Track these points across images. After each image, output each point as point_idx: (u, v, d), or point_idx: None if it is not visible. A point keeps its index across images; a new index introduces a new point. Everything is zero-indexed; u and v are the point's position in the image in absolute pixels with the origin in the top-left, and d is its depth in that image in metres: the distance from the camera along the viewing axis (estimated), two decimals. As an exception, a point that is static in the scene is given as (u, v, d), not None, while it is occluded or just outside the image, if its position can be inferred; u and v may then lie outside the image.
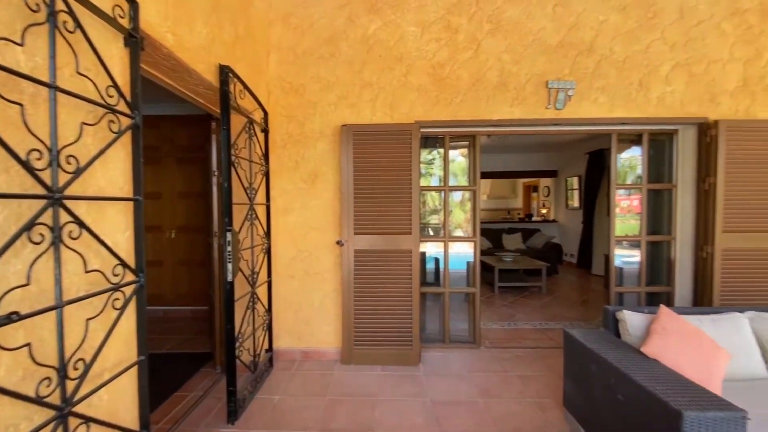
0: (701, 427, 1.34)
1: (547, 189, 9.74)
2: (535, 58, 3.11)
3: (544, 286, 5.63)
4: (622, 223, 5.84)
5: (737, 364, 1.96)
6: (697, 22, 3.01)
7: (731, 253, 2.97)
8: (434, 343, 3.46)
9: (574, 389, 2.16)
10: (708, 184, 3.02)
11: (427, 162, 4.24)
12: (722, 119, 2.96)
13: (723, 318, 2.10)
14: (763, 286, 2.98)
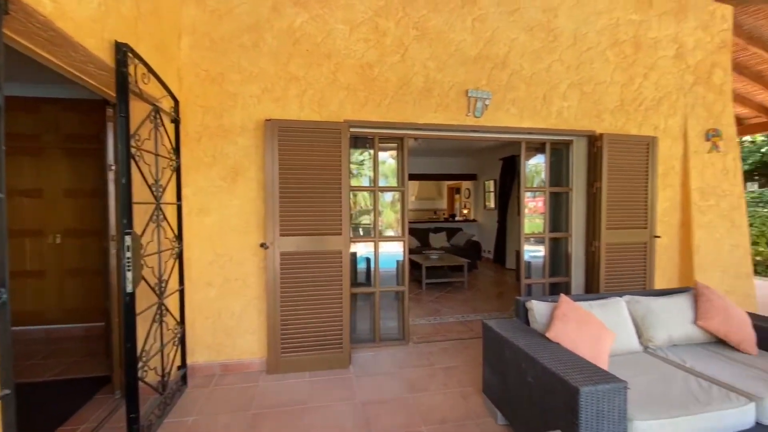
0: (593, 399, 1.54)
1: (468, 191, 10.48)
2: (456, 68, 3.31)
3: (466, 281, 6.04)
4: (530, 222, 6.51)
5: (619, 341, 2.31)
6: (587, 48, 3.50)
7: (612, 247, 3.52)
8: (365, 343, 3.46)
9: (491, 376, 2.33)
10: (595, 188, 3.53)
11: (358, 162, 4.23)
12: (605, 133, 3.49)
13: (607, 302, 2.47)
14: (634, 273, 3.58)
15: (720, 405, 1.71)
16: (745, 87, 5.37)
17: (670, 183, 3.74)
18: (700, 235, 3.69)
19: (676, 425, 1.62)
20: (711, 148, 3.75)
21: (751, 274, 3.84)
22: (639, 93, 3.64)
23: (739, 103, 5.81)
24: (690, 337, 2.41)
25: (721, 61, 3.83)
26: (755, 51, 4.59)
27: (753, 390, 1.82)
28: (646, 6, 3.63)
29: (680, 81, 3.73)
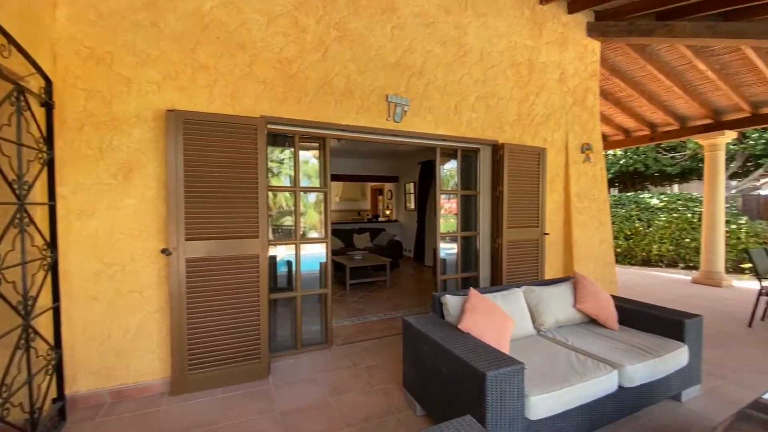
0: (498, 381, 1.72)
1: (390, 192, 10.81)
2: (377, 72, 3.39)
3: (388, 279, 6.22)
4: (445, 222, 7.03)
5: (518, 327, 2.62)
6: (491, 66, 3.90)
7: (512, 243, 3.98)
8: (286, 350, 3.33)
9: (411, 370, 2.44)
10: (498, 191, 3.95)
11: (278, 161, 4.04)
12: (506, 143, 3.93)
13: (508, 293, 2.78)
14: (529, 266, 4.10)
15: (593, 374, 2.06)
16: (609, 110, 6.57)
17: (556, 188, 4.38)
18: (577, 232, 4.40)
19: (560, 396, 1.90)
20: (585, 159, 4.50)
21: (613, 263, 4.71)
22: (532, 109, 4.18)
23: (604, 123, 7.07)
24: (571, 318, 2.85)
25: (592, 87, 4.63)
26: (616, 81, 5.63)
27: (616, 360, 2.23)
28: (537, 34, 4.19)
29: (563, 101, 4.40)
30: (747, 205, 8.00)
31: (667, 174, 10.63)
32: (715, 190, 6.26)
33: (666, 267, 8.49)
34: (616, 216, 9.24)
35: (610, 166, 11.64)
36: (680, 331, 2.49)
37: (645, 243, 8.73)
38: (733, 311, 4.62)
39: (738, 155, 9.47)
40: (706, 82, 5.18)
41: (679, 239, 8.26)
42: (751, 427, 1.61)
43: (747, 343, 3.63)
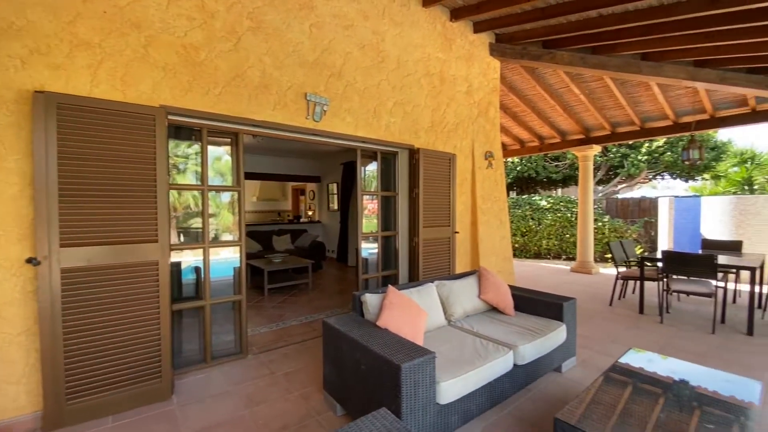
0: (412, 372, 1.82)
1: (312, 193, 10.60)
2: (295, 69, 3.30)
3: (310, 281, 6.09)
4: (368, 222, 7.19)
5: (431, 319, 2.81)
6: (407, 74, 4.11)
7: (427, 242, 4.24)
8: (194, 365, 3.03)
9: (331, 371, 2.44)
10: (415, 193, 4.18)
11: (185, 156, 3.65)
12: (421, 148, 4.18)
13: (423, 288, 2.97)
14: (442, 262, 4.43)
15: (494, 357, 2.32)
16: (507, 122, 7.44)
17: (464, 190, 4.81)
18: (482, 230, 4.89)
19: (466, 379, 2.09)
20: (488, 166, 5.03)
21: (511, 257, 5.36)
22: (444, 118, 4.52)
23: (503, 133, 7.99)
24: (477, 308, 3.16)
25: (494, 101, 5.19)
26: (512, 97, 6.41)
27: (512, 342, 2.54)
28: (448, 48, 4.55)
29: (470, 112, 4.85)
30: (609, 206, 9.85)
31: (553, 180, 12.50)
32: (587, 194, 7.56)
33: (552, 259, 9.94)
34: (514, 216, 10.49)
35: (509, 172, 13.19)
36: (560, 312, 2.95)
37: (537, 239, 10.09)
38: (599, 293, 5.64)
39: (602, 165, 11.59)
40: (579, 103, 6.22)
41: (562, 235, 9.74)
42: (610, 386, 1.99)
43: (609, 318, 4.46)
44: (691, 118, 6.06)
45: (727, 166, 10.52)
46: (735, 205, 7.09)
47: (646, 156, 10.81)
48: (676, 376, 2.09)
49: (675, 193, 11.67)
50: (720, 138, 11.21)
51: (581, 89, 5.71)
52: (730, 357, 3.27)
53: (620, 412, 1.71)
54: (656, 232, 8.69)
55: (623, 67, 4.56)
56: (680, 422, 1.63)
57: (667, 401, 1.82)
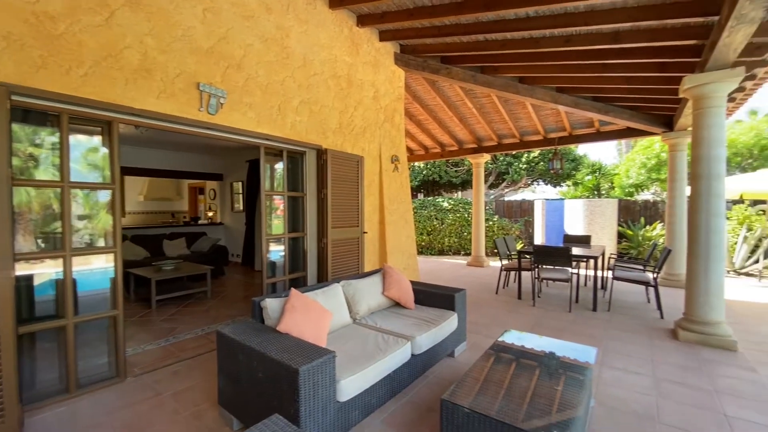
0: (311, 374, 1.82)
1: (213, 192, 9.69)
2: (186, 55, 3.00)
3: (209, 290, 5.56)
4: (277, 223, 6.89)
5: (337, 318, 2.84)
6: (314, 73, 4.08)
7: (336, 242, 4.27)
8: (53, 396, 2.51)
9: (227, 384, 2.28)
10: (323, 194, 4.17)
11: (47, 147, 2.98)
12: (330, 148, 4.19)
13: (328, 289, 2.98)
14: (352, 261, 4.51)
15: (393, 349, 2.46)
16: (413, 129, 7.93)
17: (372, 192, 4.97)
18: (390, 230, 5.13)
19: (366, 374, 2.18)
20: (394, 169, 5.29)
21: (416, 255, 5.73)
22: (351, 120, 4.61)
23: (410, 139, 8.50)
24: (381, 304, 3.30)
25: (399, 108, 5.49)
26: (417, 106, 6.86)
27: (410, 333, 2.73)
28: (355, 53, 4.65)
29: (377, 117, 5.04)
30: (498, 207, 11.28)
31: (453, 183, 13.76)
32: (479, 197, 8.51)
33: (453, 255, 10.91)
34: (420, 216, 11.23)
35: (416, 176, 14.08)
36: (452, 302, 3.27)
37: (440, 237, 10.96)
38: (488, 283, 6.40)
39: (493, 171, 13.18)
40: (472, 116, 6.97)
41: (461, 233, 10.77)
42: (488, 363, 2.28)
43: (494, 305, 5.10)
44: (556, 135, 7.33)
45: (583, 175, 13.00)
46: (587, 206, 8.78)
47: (525, 165, 12.68)
48: (539, 348, 2.51)
49: (548, 197, 13.93)
50: (578, 152, 13.75)
51: (474, 103, 6.42)
52: (580, 330, 4.05)
53: (495, 384, 1.98)
54: (533, 229, 10.23)
55: (505, 87, 5.27)
56: (542, 379, 1.96)
57: (531, 369, 2.17)
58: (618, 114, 5.61)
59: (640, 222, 9.03)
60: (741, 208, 7.93)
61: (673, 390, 2.74)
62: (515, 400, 1.82)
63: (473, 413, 1.72)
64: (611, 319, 4.41)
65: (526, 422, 1.63)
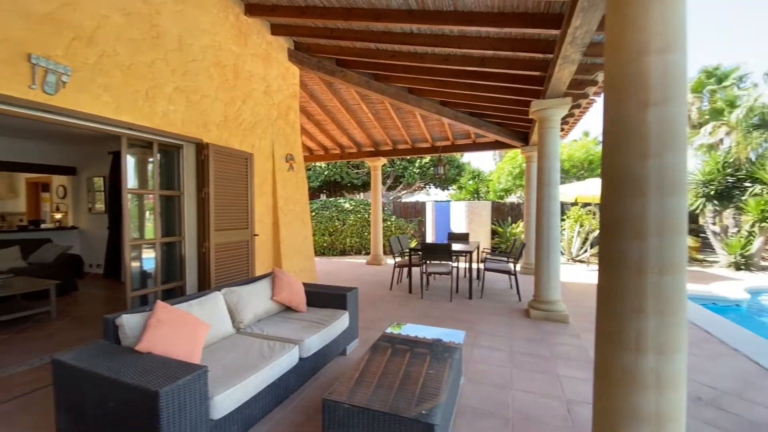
0: (174, 394, 1.64)
1: (62, 189, 7.89)
2: (12, 20, 2.37)
3: (54, 309, 4.50)
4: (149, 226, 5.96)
5: (216, 330, 2.62)
6: (192, 59, 3.67)
7: (221, 246, 3.93)
8: None
9: (68, 421, 1.89)
10: (204, 193, 3.79)
11: None
12: (212, 143, 3.83)
13: (206, 298, 2.73)
14: (240, 267, 4.21)
15: (279, 356, 2.37)
16: (312, 128, 7.83)
17: (265, 191, 4.72)
18: (285, 232, 4.95)
19: (246, 386, 2.06)
20: (289, 168, 5.13)
21: (313, 256, 5.66)
22: (239, 114, 4.30)
23: (309, 139, 8.37)
24: (269, 310, 3.16)
25: (293, 105, 5.34)
26: (315, 106, 6.79)
27: (298, 337, 2.68)
28: (243, 43, 4.35)
29: (269, 113, 4.81)
30: (395, 208, 11.95)
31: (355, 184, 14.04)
32: (377, 198, 8.88)
33: (355, 254, 11.13)
34: (322, 217, 11.15)
35: (318, 176, 13.93)
36: (344, 302, 3.34)
37: (342, 237, 11.06)
38: (384, 281, 6.72)
39: (391, 174, 13.90)
40: (369, 120, 7.23)
41: (362, 233, 11.06)
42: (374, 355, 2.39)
43: (388, 300, 5.37)
44: (441, 143, 8.12)
45: (466, 180, 14.70)
46: (468, 208, 9.95)
47: (418, 169, 13.72)
48: (420, 335, 2.75)
49: (438, 199, 15.32)
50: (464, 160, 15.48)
51: (369, 108, 6.66)
52: (459, 316, 4.57)
53: (376, 376, 2.09)
54: (426, 228, 11.13)
55: (396, 95, 5.61)
56: (417, 365, 2.14)
57: (410, 356, 2.36)
58: (488, 128, 6.51)
59: (508, 221, 10.63)
60: (576, 209, 10.04)
61: (524, 360, 3.31)
62: (393, 388, 1.96)
63: (353, 408, 1.78)
64: (483, 305, 5.10)
65: (402, 408, 1.76)
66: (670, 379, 1.33)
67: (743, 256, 8.30)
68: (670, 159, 1.29)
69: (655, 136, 1.30)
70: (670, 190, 1.30)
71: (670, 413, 1.34)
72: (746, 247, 8.34)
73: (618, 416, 1.41)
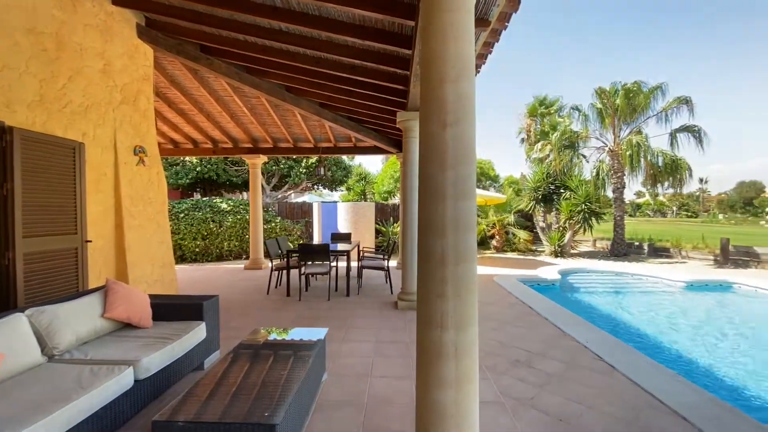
0: None
1: None
2: None
3: None
4: None
5: (15, 360, 2.10)
6: (-16, 19, 2.85)
7: (34, 256, 3.15)
8: None
9: None
10: (6, 189, 2.98)
11: None
12: (19, 127, 3.04)
13: (2, 322, 2.16)
14: (66, 280, 3.45)
15: (102, 382, 2.03)
16: (176, 118, 6.93)
17: (102, 189, 3.97)
18: (131, 236, 4.25)
19: (52, 421, 1.70)
20: (138, 162, 4.43)
21: (173, 263, 5.01)
22: (64, 94, 3.52)
23: (173, 130, 7.39)
24: (100, 330, 2.68)
25: (145, 90, 4.64)
26: (177, 93, 6.02)
27: (134, 357, 2.34)
28: (71, 9, 3.58)
29: (109, 96, 4.06)
30: (281, 209, 11.51)
31: (234, 183, 12.99)
32: (256, 198, 8.42)
33: (234, 259, 10.29)
34: (194, 219, 9.98)
35: (189, 172, 12.40)
36: (200, 312, 3.07)
37: (218, 241, 10.09)
38: (262, 285, 6.41)
39: (276, 173, 13.36)
40: (244, 115, 6.80)
41: (242, 236, 10.30)
42: (230, 362, 2.26)
43: (263, 306, 5.15)
44: (324, 144, 8.19)
45: (353, 182, 15.17)
46: (353, 209, 10.29)
47: (304, 169, 13.54)
48: (282, 338, 2.72)
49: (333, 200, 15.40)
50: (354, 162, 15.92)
51: (244, 102, 6.26)
52: (334, 314, 4.68)
53: (226, 386, 1.99)
54: (312, 230, 11.05)
55: (273, 92, 5.42)
56: (271, 370, 2.11)
57: (266, 360, 2.31)
58: (367, 134, 6.86)
59: (390, 221, 11.39)
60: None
61: (386, 348, 3.60)
62: (239, 396, 1.89)
63: (187, 424, 1.66)
64: (359, 301, 5.35)
65: (244, 415, 1.71)
66: (466, 349, 1.65)
67: (559, 246, 10.74)
68: (462, 170, 1.60)
69: (452, 151, 1.59)
70: (462, 196, 1.61)
71: (466, 377, 1.65)
72: (561, 239, 10.82)
73: (430, 384, 1.67)
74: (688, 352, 4.42)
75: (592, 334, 4.10)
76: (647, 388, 2.81)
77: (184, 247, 9.74)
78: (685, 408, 2.52)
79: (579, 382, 2.97)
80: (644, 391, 2.79)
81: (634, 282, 8.15)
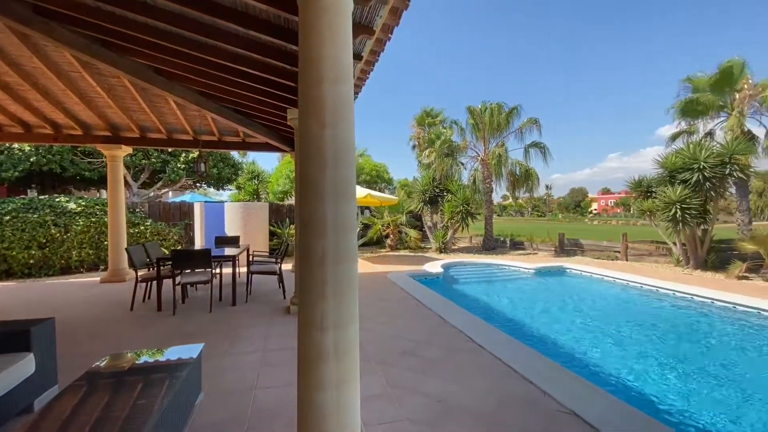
0: None
1: None
2: None
3: None
4: None
5: None
6: None
7: None
8: None
9: None
10: None
11: None
12: None
13: None
14: None
15: None
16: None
17: None
18: None
19: None
20: None
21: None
22: None
23: (-11, 107, 5.67)
24: None
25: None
26: (0, 62, 4.64)
27: None
28: None
29: None
30: (152, 210, 9.88)
31: (87, 178, 10.63)
32: (117, 196, 7.06)
33: (88, 271, 8.44)
34: (27, 222, 7.86)
35: (17, 163, 9.66)
36: (27, 340, 2.42)
37: (63, 250, 8.15)
38: (124, 301, 5.39)
39: (146, 168, 11.46)
40: (99, 96, 5.63)
41: (99, 243, 8.52)
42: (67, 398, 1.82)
43: (127, 324, 4.35)
44: (206, 137, 7.37)
45: (244, 180, 14.06)
46: (244, 209, 9.53)
47: (184, 165, 11.97)
48: (144, 361, 2.33)
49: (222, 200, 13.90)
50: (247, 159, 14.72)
51: (98, 81, 5.18)
52: (216, 327, 4.24)
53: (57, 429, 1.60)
54: (194, 233, 9.82)
55: (137, 72, 4.62)
56: (122, 401, 1.78)
57: (117, 391, 1.95)
58: (256, 129, 6.43)
59: (286, 222, 10.93)
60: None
61: (274, 356, 3.43)
62: (76, 437, 1.55)
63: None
64: (247, 309, 4.97)
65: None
66: (346, 349, 1.68)
67: (443, 243, 11.95)
68: (342, 172, 1.64)
69: (330, 152, 1.61)
70: (342, 197, 1.64)
71: (346, 376, 1.69)
72: (444, 237, 12.06)
73: (312, 386, 1.66)
74: (537, 326, 5.40)
75: (467, 318, 4.67)
76: (505, 361, 3.34)
77: (11, 259, 7.58)
78: (533, 373, 3.08)
79: (455, 363, 3.34)
80: (503, 363, 3.30)
81: (500, 271, 9.60)
